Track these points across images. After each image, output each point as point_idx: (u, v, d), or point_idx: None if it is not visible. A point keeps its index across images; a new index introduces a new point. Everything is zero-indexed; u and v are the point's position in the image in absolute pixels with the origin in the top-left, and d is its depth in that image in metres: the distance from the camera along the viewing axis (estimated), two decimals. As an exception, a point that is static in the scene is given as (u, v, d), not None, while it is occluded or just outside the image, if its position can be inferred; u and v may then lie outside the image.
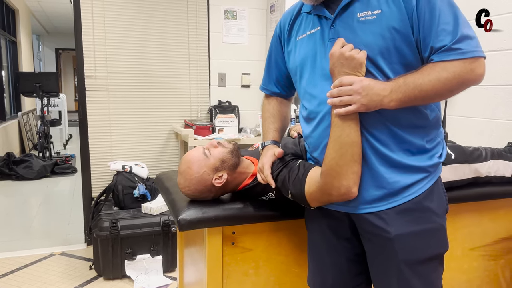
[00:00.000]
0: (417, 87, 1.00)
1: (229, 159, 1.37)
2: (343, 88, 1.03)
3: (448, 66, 0.99)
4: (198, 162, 1.34)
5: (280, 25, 1.33)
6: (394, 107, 1.02)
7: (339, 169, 1.06)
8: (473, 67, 0.99)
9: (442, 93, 1.02)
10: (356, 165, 1.07)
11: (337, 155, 1.06)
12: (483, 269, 1.72)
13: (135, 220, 2.55)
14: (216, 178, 1.34)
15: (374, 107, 1.03)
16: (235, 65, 3.46)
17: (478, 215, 1.67)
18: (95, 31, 3.03)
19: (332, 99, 1.05)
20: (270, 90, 1.43)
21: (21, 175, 5.30)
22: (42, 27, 11.43)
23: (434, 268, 1.13)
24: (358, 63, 1.03)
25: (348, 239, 1.22)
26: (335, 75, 1.06)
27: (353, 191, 1.08)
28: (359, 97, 1.01)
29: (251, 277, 1.44)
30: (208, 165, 1.34)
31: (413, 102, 1.03)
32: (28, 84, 5.92)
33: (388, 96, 1.01)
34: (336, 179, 1.07)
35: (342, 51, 1.03)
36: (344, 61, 1.03)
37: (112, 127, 3.17)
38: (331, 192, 1.10)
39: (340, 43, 1.05)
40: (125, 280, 2.56)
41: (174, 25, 3.26)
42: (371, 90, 1.01)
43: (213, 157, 1.35)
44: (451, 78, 0.99)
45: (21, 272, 2.67)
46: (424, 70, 1.01)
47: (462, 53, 0.98)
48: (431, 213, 1.11)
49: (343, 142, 1.05)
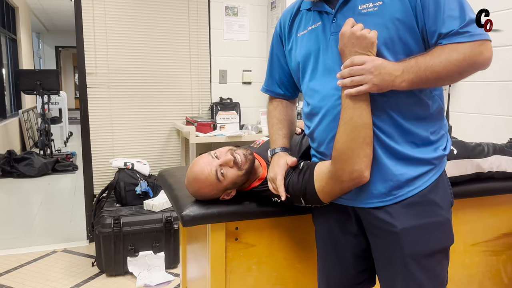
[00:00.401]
0: (428, 68, 0.99)
1: (242, 180, 1.33)
2: (355, 67, 1.01)
3: (458, 47, 0.99)
4: (210, 186, 1.29)
5: (280, 23, 1.32)
6: (405, 88, 1.01)
7: (351, 152, 1.05)
8: (481, 50, 0.99)
9: (452, 75, 1.01)
10: (368, 148, 1.05)
11: (349, 138, 1.04)
12: (484, 264, 1.72)
13: (137, 217, 2.56)
14: (225, 195, 1.34)
15: (386, 87, 1.01)
16: (236, 62, 3.46)
17: (480, 211, 1.67)
18: (96, 28, 3.03)
19: (343, 80, 1.03)
20: (274, 92, 1.40)
21: (22, 172, 5.31)
22: (42, 24, 11.41)
23: (439, 261, 1.13)
24: (370, 42, 1.01)
25: (354, 234, 1.22)
26: (345, 55, 1.04)
27: (366, 175, 1.07)
28: (371, 76, 1.00)
29: (254, 273, 1.44)
30: (220, 188, 1.31)
31: (424, 83, 1.02)
32: (28, 82, 5.92)
33: (400, 76, 1.00)
34: (347, 163, 1.05)
35: (353, 30, 1.01)
36: (355, 41, 1.01)
37: (114, 124, 3.17)
38: (343, 178, 1.08)
39: (351, 23, 1.03)
40: (128, 276, 2.57)
41: (175, 22, 3.25)
42: (383, 69, 1.00)
43: (226, 181, 1.29)
44: (461, 60, 0.99)
45: (24, 269, 2.68)
46: (435, 52, 1.00)
47: (471, 36, 0.99)
48: (436, 207, 1.12)
49: (355, 124, 1.03)
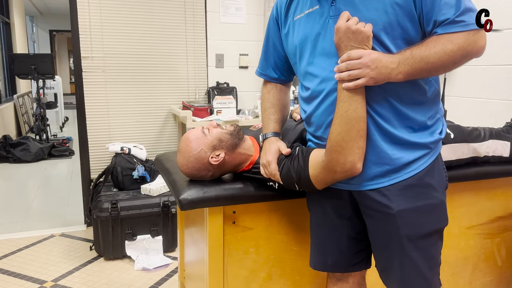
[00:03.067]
0: (423, 59, 1.00)
1: (228, 139, 1.36)
2: (352, 62, 1.02)
3: (453, 38, 1.00)
4: (196, 140, 1.35)
5: (277, 6, 1.31)
6: (401, 79, 1.03)
7: (345, 144, 1.07)
8: (476, 39, 1.01)
9: (447, 65, 1.03)
10: (361, 140, 1.07)
11: (343, 130, 1.06)
12: (479, 247, 1.75)
13: (134, 201, 2.57)
14: (213, 156, 1.34)
15: (382, 80, 1.02)
16: (232, 45, 3.43)
17: (476, 194, 1.69)
18: (91, 11, 2.98)
19: (340, 73, 1.05)
20: (268, 76, 1.41)
21: (18, 157, 5.30)
22: (35, 7, 11.23)
23: (434, 242, 1.15)
24: (365, 36, 1.02)
25: (349, 217, 1.23)
26: (341, 49, 1.05)
27: (358, 167, 1.09)
28: (368, 70, 1.01)
29: (251, 255, 1.46)
30: (206, 143, 1.34)
31: (419, 74, 1.03)
32: (23, 66, 5.85)
33: (396, 69, 1.01)
34: (341, 155, 1.08)
35: (349, 25, 1.02)
36: (351, 35, 1.02)
37: (110, 109, 3.15)
38: (336, 169, 1.10)
39: (346, 17, 1.04)
40: (126, 260, 2.59)
41: (171, 5, 3.21)
42: (380, 62, 1.01)
43: (211, 136, 1.36)
44: (456, 50, 1.00)
45: (22, 253, 2.69)
46: (429, 43, 1.02)
47: (466, 25, 1.00)
48: (432, 189, 1.13)
49: (350, 117, 1.05)
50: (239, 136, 1.40)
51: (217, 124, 1.42)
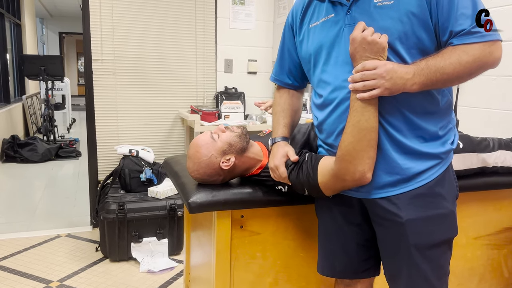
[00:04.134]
0: (439, 70, 1.00)
1: (237, 142, 1.37)
2: (367, 72, 1.02)
3: (469, 49, 1.00)
4: (206, 145, 1.35)
5: (292, 13, 1.31)
6: (416, 90, 1.03)
7: (356, 153, 1.07)
8: (491, 50, 1.01)
9: (462, 76, 1.03)
10: (372, 150, 1.07)
11: (355, 139, 1.06)
12: (486, 258, 1.74)
13: (141, 203, 2.58)
14: (224, 161, 1.35)
15: (397, 90, 1.02)
16: (242, 51, 3.45)
17: (483, 205, 1.68)
18: (102, 15, 3.02)
19: (354, 84, 1.05)
20: (282, 81, 1.41)
21: (26, 157, 5.34)
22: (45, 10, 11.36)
23: (443, 252, 1.15)
24: (381, 47, 1.02)
25: (358, 224, 1.24)
26: (356, 60, 1.05)
27: (368, 176, 1.09)
28: (383, 81, 1.01)
29: (258, 260, 1.46)
30: (216, 149, 1.35)
31: (434, 85, 1.03)
32: (33, 67, 5.91)
33: (411, 80, 1.01)
34: (351, 164, 1.08)
35: (364, 35, 1.02)
36: (366, 46, 1.02)
37: (119, 111, 3.18)
38: (346, 178, 1.11)
39: (361, 27, 1.04)
40: (131, 262, 2.60)
41: (181, 10, 3.24)
42: (395, 73, 1.01)
43: (220, 141, 1.36)
44: (471, 61, 1.00)
45: (28, 253, 2.71)
46: (445, 53, 1.01)
47: (482, 36, 1.00)
48: (442, 199, 1.13)
49: (362, 127, 1.06)
50: (247, 139, 1.41)
51: (226, 127, 1.43)
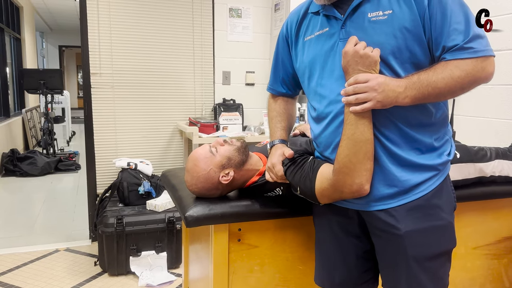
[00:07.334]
0: (430, 84, 1.01)
1: (236, 156, 1.38)
2: (359, 85, 1.03)
3: (461, 64, 1.00)
4: (204, 159, 1.35)
5: (287, 25, 1.33)
6: (408, 103, 1.03)
7: (352, 166, 1.07)
8: (484, 66, 1.01)
9: (454, 91, 1.04)
10: (369, 163, 1.08)
11: (351, 152, 1.07)
12: (486, 267, 1.73)
13: (140, 216, 2.57)
14: (223, 175, 1.35)
15: (389, 103, 1.03)
16: (239, 63, 3.47)
17: (482, 214, 1.68)
18: (100, 28, 3.04)
19: (347, 97, 1.06)
20: (276, 90, 1.44)
21: (25, 171, 5.34)
22: (45, 24, 11.45)
23: (442, 264, 1.15)
24: (373, 61, 1.03)
25: (357, 236, 1.23)
26: (349, 73, 1.06)
27: (365, 188, 1.10)
28: (375, 94, 1.02)
29: (256, 274, 1.45)
30: (215, 163, 1.35)
31: (426, 99, 1.04)
32: (32, 81, 5.94)
33: (403, 93, 1.02)
34: (348, 176, 1.08)
35: (357, 49, 1.03)
36: (358, 59, 1.03)
37: (117, 124, 3.18)
38: (343, 190, 1.11)
39: (353, 41, 1.05)
40: (130, 276, 2.58)
41: (179, 23, 3.27)
42: (386, 86, 1.02)
43: (219, 155, 1.36)
44: (463, 76, 1.01)
45: (26, 268, 2.69)
46: (437, 68, 1.02)
47: (474, 52, 1.00)
48: (439, 210, 1.13)
49: (357, 140, 1.06)
50: (246, 153, 1.41)
51: (224, 140, 1.43)
